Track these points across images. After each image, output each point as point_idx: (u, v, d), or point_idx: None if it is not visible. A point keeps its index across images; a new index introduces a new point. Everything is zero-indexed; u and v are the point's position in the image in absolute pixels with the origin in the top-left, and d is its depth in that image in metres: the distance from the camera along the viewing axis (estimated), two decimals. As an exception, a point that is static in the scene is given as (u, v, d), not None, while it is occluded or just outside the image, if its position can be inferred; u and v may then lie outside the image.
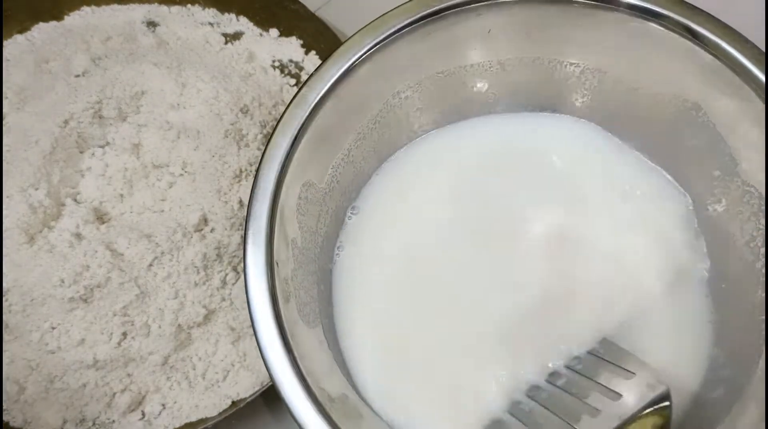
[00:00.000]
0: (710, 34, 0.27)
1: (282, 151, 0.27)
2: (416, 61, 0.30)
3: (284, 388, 0.25)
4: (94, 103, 0.47)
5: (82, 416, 0.42)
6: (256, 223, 0.27)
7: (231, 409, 0.41)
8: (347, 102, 0.30)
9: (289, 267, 0.28)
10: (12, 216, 0.42)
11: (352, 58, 0.28)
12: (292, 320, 0.27)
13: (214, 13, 0.56)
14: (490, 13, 0.29)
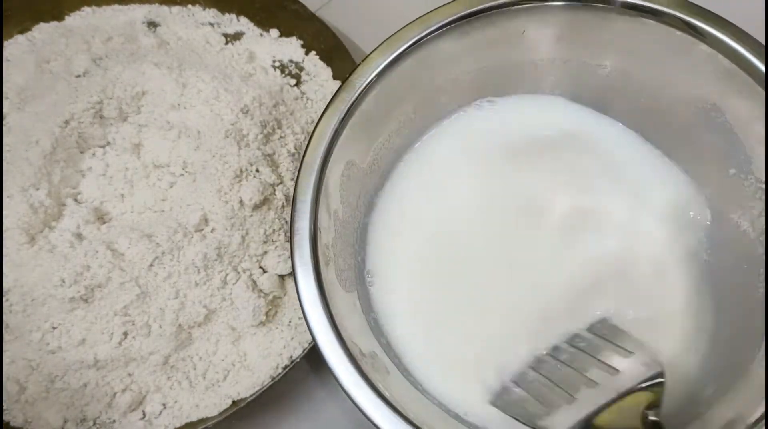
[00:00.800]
0: (729, 40, 0.29)
1: (330, 130, 0.30)
2: (455, 57, 0.32)
3: (319, 336, 0.28)
4: (95, 103, 0.47)
5: (82, 416, 0.42)
6: (303, 192, 0.30)
7: (231, 408, 0.41)
8: (390, 90, 0.32)
9: (330, 235, 0.31)
10: (13, 216, 0.42)
11: (397, 50, 0.31)
12: (330, 281, 0.30)
13: (214, 14, 0.56)
14: (527, 15, 0.31)
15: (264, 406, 0.45)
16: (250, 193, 0.44)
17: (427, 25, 0.31)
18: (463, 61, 0.33)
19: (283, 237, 0.45)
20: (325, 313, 0.29)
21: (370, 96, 0.31)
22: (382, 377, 0.29)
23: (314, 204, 0.30)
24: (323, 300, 0.29)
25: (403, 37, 0.31)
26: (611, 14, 0.31)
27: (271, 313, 0.44)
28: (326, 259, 0.30)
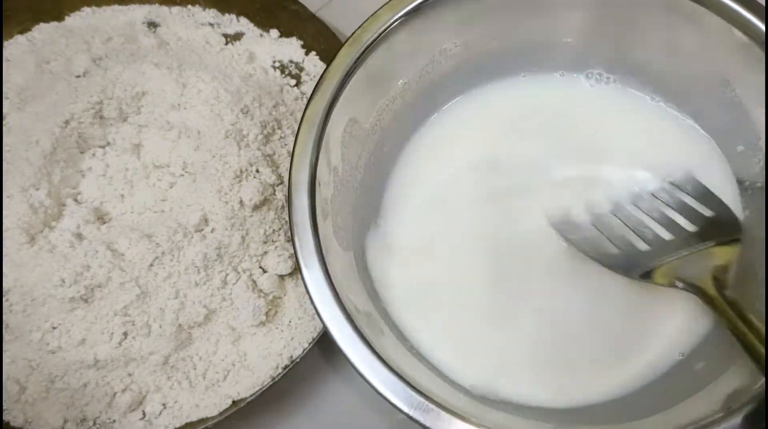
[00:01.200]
0: (742, 10, 0.28)
1: (334, 83, 0.30)
2: (465, 21, 0.32)
3: (312, 287, 0.27)
4: (95, 103, 0.47)
5: (82, 416, 0.42)
6: (303, 144, 0.30)
7: (231, 408, 0.41)
8: (397, 49, 0.31)
9: (329, 191, 0.31)
10: (13, 216, 0.42)
11: (407, 7, 0.30)
12: (327, 236, 0.29)
13: (214, 14, 0.56)
14: None
15: (264, 407, 0.45)
16: (250, 194, 0.44)
17: None
18: (473, 25, 0.32)
19: (283, 237, 0.45)
20: (320, 264, 0.28)
21: (376, 53, 0.31)
22: (376, 336, 0.29)
23: (314, 157, 0.30)
24: (318, 251, 0.29)
25: None
26: None
27: (271, 313, 0.44)
28: (324, 214, 0.30)
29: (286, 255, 0.44)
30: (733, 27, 0.29)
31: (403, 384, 0.26)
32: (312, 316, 0.44)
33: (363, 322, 0.28)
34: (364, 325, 0.28)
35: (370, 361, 0.27)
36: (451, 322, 0.34)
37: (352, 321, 0.27)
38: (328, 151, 0.31)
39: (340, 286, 0.29)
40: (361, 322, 0.28)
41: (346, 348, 0.27)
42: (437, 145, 0.36)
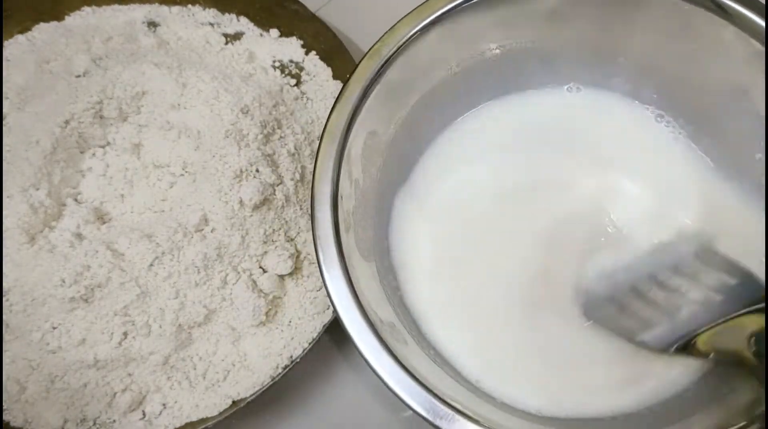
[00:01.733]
0: (759, 20, 0.28)
1: (354, 97, 0.30)
2: (480, 34, 0.32)
3: (338, 301, 0.27)
4: (95, 103, 0.47)
5: (82, 416, 0.42)
6: (325, 157, 0.30)
7: (231, 408, 0.41)
8: (415, 62, 0.32)
9: (351, 203, 0.31)
10: (13, 216, 0.42)
11: (424, 20, 0.31)
12: (350, 247, 0.30)
13: (214, 14, 0.56)
14: None
15: (264, 407, 0.45)
16: (250, 193, 0.44)
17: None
18: (489, 37, 0.33)
19: (283, 237, 0.45)
20: (344, 277, 0.29)
21: (395, 65, 0.31)
22: (400, 346, 0.29)
23: (336, 170, 0.30)
24: (342, 264, 0.29)
25: (430, 7, 0.31)
26: None
27: (271, 313, 0.44)
28: (347, 226, 0.30)
29: (286, 255, 0.44)
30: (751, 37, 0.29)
31: (427, 394, 0.27)
32: (312, 316, 0.44)
33: (387, 332, 0.28)
34: (388, 335, 0.28)
35: (394, 371, 0.27)
36: (476, 332, 0.34)
37: (376, 332, 0.28)
38: (350, 164, 0.31)
39: (364, 297, 0.29)
40: (385, 332, 0.28)
41: (371, 358, 0.28)
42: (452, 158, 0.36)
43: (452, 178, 0.36)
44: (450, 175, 0.36)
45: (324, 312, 0.44)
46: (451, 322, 0.34)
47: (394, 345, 0.28)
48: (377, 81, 0.31)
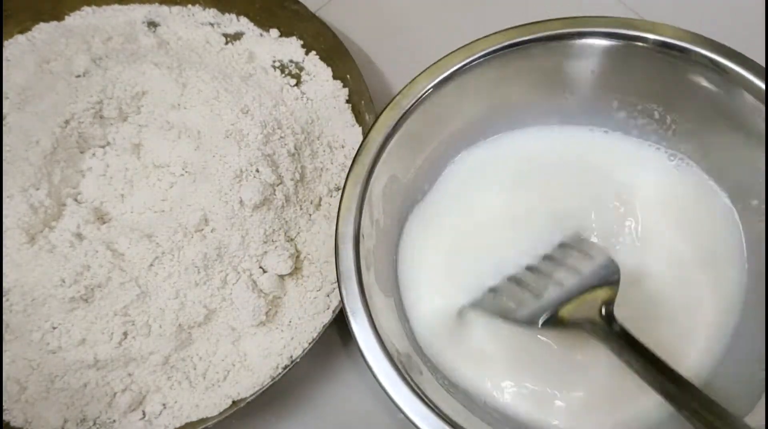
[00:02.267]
0: (754, 78, 0.32)
1: (376, 145, 0.32)
2: (495, 84, 0.35)
3: (359, 335, 0.30)
4: (95, 103, 0.47)
5: (82, 416, 0.42)
6: (349, 199, 0.32)
7: (231, 408, 0.41)
8: (433, 113, 0.34)
9: (371, 241, 0.33)
10: (13, 216, 0.42)
11: (442, 74, 0.33)
12: (370, 284, 0.32)
13: (214, 14, 0.56)
14: (564, 49, 0.34)
15: (264, 407, 0.45)
16: (250, 194, 0.44)
17: (470, 53, 0.33)
18: (502, 88, 0.35)
19: (283, 237, 0.45)
20: (365, 312, 0.30)
21: (414, 116, 0.33)
22: (416, 376, 0.31)
23: (359, 211, 0.32)
24: (363, 299, 0.31)
25: (448, 63, 0.33)
26: (645, 51, 0.33)
27: (271, 313, 0.44)
28: (368, 264, 0.32)
29: (286, 255, 0.44)
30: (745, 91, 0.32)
31: (441, 421, 0.29)
32: (312, 316, 0.44)
33: (404, 362, 0.30)
34: (405, 365, 0.30)
35: (410, 399, 0.29)
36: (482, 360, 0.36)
37: (393, 362, 0.30)
38: (371, 205, 0.33)
39: (382, 330, 0.31)
40: (403, 363, 0.30)
41: (389, 387, 0.29)
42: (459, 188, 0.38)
43: (458, 209, 0.38)
44: (456, 207, 0.38)
45: (324, 312, 0.44)
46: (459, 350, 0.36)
47: (410, 374, 0.30)
48: (397, 130, 0.33)
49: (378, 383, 0.29)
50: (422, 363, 0.33)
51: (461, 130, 0.38)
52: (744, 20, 0.58)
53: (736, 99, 0.33)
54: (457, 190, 0.39)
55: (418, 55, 0.58)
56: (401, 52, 0.58)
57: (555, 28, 0.33)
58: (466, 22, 0.60)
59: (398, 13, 0.60)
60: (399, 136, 0.34)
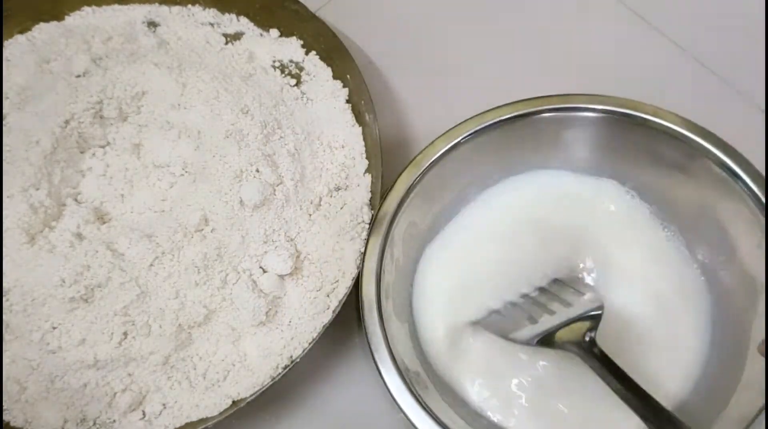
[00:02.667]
0: (723, 156, 0.37)
1: (399, 196, 0.39)
2: (501, 146, 0.41)
3: (376, 350, 0.36)
4: (95, 103, 0.47)
5: (82, 416, 0.42)
6: (374, 241, 0.38)
7: (231, 408, 0.41)
8: (448, 170, 0.40)
9: (390, 277, 0.39)
10: (13, 216, 0.42)
11: (456, 139, 0.39)
12: (388, 313, 0.37)
13: (214, 14, 0.56)
14: (560, 120, 0.40)
15: (264, 406, 0.45)
16: (250, 193, 0.44)
17: (481, 121, 0.39)
18: (507, 149, 0.42)
19: (283, 237, 0.45)
20: (382, 335, 0.36)
21: (432, 172, 0.39)
22: (423, 391, 0.36)
23: (381, 250, 0.38)
24: (381, 325, 0.36)
25: (462, 129, 0.39)
26: (631, 126, 0.39)
27: (271, 313, 0.44)
28: (386, 295, 0.38)
29: (286, 255, 0.44)
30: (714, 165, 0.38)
31: (437, 426, 0.34)
32: (312, 316, 0.44)
33: (413, 378, 0.36)
34: (414, 381, 0.36)
35: (416, 409, 0.35)
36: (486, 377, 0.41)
37: (403, 378, 0.35)
38: (393, 246, 0.39)
39: (396, 351, 0.36)
40: (411, 378, 0.36)
41: (399, 398, 0.35)
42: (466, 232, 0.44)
43: (465, 250, 0.43)
44: (463, 247, 0.43)
45: (324, 312, 0.44)
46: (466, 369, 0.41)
47: (417, 389, 0.35)
48: (416, 185, 0.39)
49: (390, 395, 0.35)
50: (429, 380, 0.38)
51: (471, 182, 0.43)
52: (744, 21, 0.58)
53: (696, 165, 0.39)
54: (466, 235, 0.44)
55: (418, 56, 0.59)
56: (401, 52, 0.58)
57: (554, 103, 0.39)
58: (466, 22, 0.60)
59: (398, 13, 0.60)
60: (418, 189, 0.39)
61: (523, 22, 0.59)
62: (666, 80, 0.56)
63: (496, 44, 0.58)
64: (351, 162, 0.49)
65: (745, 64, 0.56)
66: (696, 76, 0.56)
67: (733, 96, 0.55)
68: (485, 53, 0.58)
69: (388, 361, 0.35)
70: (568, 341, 0.37)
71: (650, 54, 0.57)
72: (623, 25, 0.59)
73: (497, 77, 0.57)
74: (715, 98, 0.55)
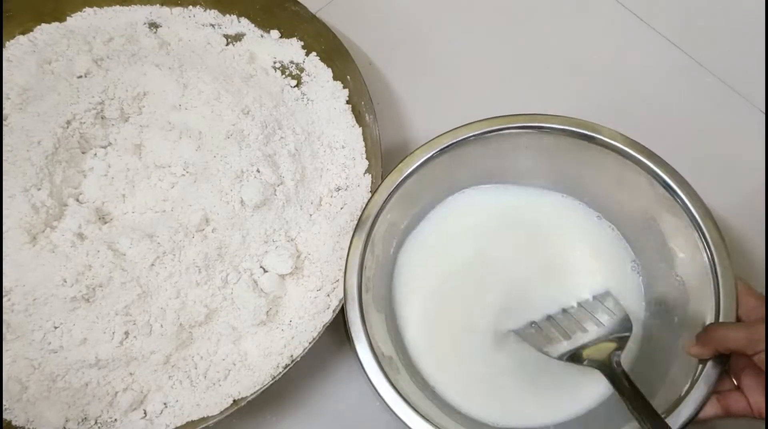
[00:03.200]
0: (665, 176, 0.41)
1: (381, 199, 0.42)
2: (474, 158, 0.46)
3: (357, 341, 0.39)
4: (97, 103, 0.47)
5: (84, 415, 0.42)
6: (358, 239, 0.41)
7: (232, 407, 0.42)
8: (427, 178, 0.44)
9: (371, 271, 0.42)
10: (14, 216, 0.43)
11: (434, 150, 0.43)
12: (368, 303, 0.41)
13: (215, 15, 0.56)
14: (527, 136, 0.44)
15: (264, 405, 0.46)
16: (250, 194, 0.44)
17: (456, 135, 0.43)
18: (480, 160, 0.46)
19: (284, 237, 0.46)
20: (362, 324, 0.39)
21: (411, 179, 0.43)
22: (395, 374, 0.40)
23: (364, 248, 0.41)
24: (361, 314, 0.40)
25: (439, 142, 0.43)
26: (583, 142, 0.43)
27: (272, 312, 0.44)
28: (367, 288, 0.41)
29: (287, 255, 0.44)
30: (656, 182, 0.42)
31: (410, 408, 0.38)
32: (312, 315, 0.44)
33: (386, 363, 0.40)
34: (387, 365, 0.39)
35: (388, 390, 0.38)
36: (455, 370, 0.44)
37: (379, 362, 0.39)
38: (374, 244, 0.42)
39: (373, 338, 0.40)
40: (385, 362, 0.39)
41: (374, 378, 0.38)
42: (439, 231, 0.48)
43: (438, 247, 0.47)
44: (437, 245, 0.47)
45: (324, 311, 0.44)
46: (436, 356, 0.45)
47: (390, 372, 0.39)
48: (398, 190, 0.43)
49: (366, 376, 0.38)
50: (402, 365, 0.42)
51: (447, 188, 0.48)
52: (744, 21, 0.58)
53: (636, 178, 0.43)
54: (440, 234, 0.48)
55: (418, 56, 0.59)
56: (401, 53, 0.58)
57: (521, 121, 0.44)
58: (466, 23, 0.60)
59: (398, 14, 0.60)
60: (399, 193, 0.43)
61: (523, 23, 0.60)
62: (665, 81, 0.57)
63: (496, 45, 0.59)
64: (351, 162, 0.49)
65: (745, 65, 0.56)
66: (695, 76, 0.56)
67: (733, 96, 0.55)
68: (485, 54, 0.58)
69: (366, 348, 0.39)
70: (594, 359, 0.39)
71: (649, 55, 0.58)
72: (622, 26, 0.59)
73: (497, 78, 0.57)
74: (714, 98, 0.56)
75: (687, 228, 0.41)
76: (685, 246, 0.42)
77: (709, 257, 0.40)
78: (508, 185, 0.49)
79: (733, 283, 0.39)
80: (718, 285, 0.39)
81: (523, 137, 0.45)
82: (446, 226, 0.48)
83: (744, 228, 0.51)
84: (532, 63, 0.58)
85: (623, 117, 0.49)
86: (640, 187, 0.43)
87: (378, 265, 0.44)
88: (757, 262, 0.50)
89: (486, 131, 0.44)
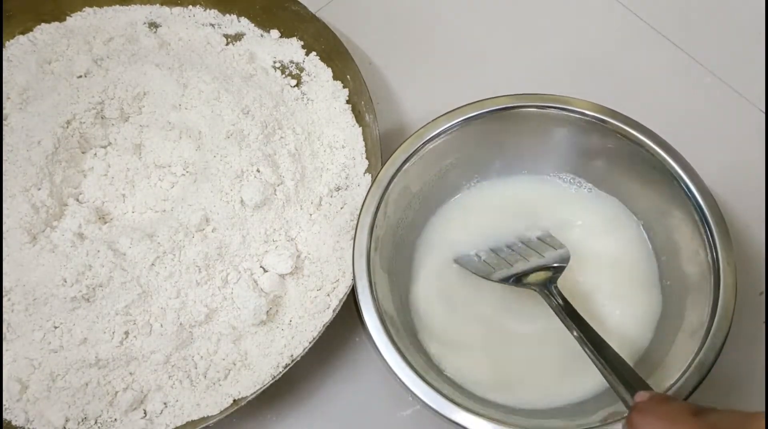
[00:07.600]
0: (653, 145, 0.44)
1: (399, 162, 0.44)
2: (463, 143, 0.47)
3: (363, 294, 0.40)
4: (96, 103, 0.47)
5: (84, 415, 0.42)
6: (371, 198, 0.43)
7: (232, 407, 0.42)
8: (423, 162, 0.46)
9: (382, 231, 0.44)
10: (14, 216, 0.43)
11: (426, 137, 0.45)
12: (375, 262, 0.42)
13: (215, 14, 0.56)
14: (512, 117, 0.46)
15: (265, 405, 0.46)
16: (250, 193, 0.44)
17: (447, 121, 0.45)
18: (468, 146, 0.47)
19: (284, 236, 0.46)
20: (368, 281, 0.41)
21: (429, 146, 0.45)
22: (394, 331, 0.40)
23: (376, 207, 0.43)
24: (368, 273, 0.41)
25: (429, 129, 0.45)
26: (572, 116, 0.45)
27: (272, 312, 0.44)
28: (376, 247, 0.42)
29: (287, 254, 0.44)
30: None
31: (417, 376, 0.38)
32: (312, 315, 0.44)
33: (388, 321, 0.41)
34: (388, 322, 0.41)
35: (386, 343, 0.39)
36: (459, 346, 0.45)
37: (381, 319, 0.40)
38: (387, 205, 0.44)
39: (377, 294, 0.41)
40: (387, 320, 0.40)
41: (375, 336, 0.39)
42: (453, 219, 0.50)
43: (452, 234, 0.49)
44: (451, 232, 0.49)
45: (324, 311, 0.44)
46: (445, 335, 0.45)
47: (390, 329, 0.40)
48: (414, 155, 0.45)
49: (367, 332, 0.39)
50: (400, 323, 0.43)
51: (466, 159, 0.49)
52: (743, 21, 0.58)
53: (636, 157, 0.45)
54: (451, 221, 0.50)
55: (418, 56, 0.59)
56: (401, 53, 0.58)
57: (502, 103, 0.46)
58: (466, 23, 0.60)
59: (398, 14, 0.60)
60: (415, 159, 0.45)
61: (523, 23, 0.60)
62: (665, 81, 0.57)
63: (496, 45, 0.59)
64: (351, 162, 0.49)
65: (745, 65, 0.56)
66: (695, 76, 0.56)
67: (733, 96, 0.55)
68: (485, 54, 0.58)
69: (370, 304, 0.40)
70: (535, 283, 0.43)
71: (649, 54, 0.58)
72: (621, 24, 0.59)
73: (497, 78, 0.57)
74: (714, 98, 0.56)
75: (692, 221, 0.42)
76: (690, 240, 0.43)
77: (712, 255, 0.41)
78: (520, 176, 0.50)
79: (734, 281, 0.40)
80: (719, 281, 0.40)
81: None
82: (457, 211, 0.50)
83: (744, 227, 0.51)
84: (532, 63, 0.58)
85: (623, 116, 0.49)
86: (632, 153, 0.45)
87: (389, 227, 0.45)
88: (757, 262, 0.50)
89: (510, 106, 0.46)
